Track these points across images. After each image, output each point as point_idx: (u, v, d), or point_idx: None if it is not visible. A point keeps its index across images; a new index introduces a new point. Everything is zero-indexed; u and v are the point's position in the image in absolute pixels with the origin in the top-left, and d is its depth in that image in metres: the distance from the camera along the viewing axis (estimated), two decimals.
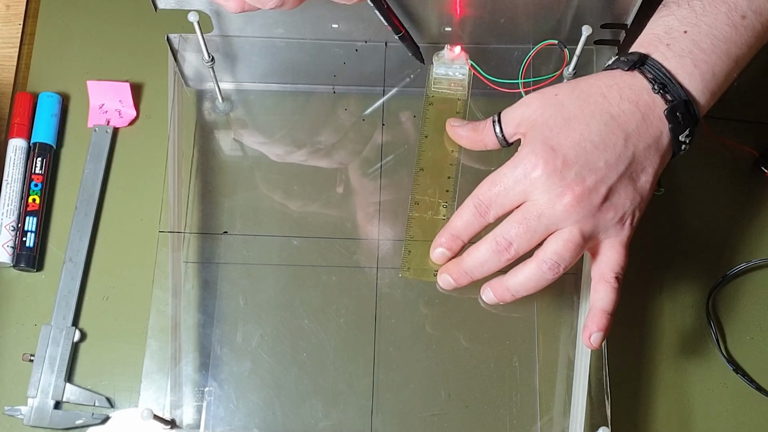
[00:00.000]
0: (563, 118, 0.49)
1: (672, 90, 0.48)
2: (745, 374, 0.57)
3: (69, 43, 0.65)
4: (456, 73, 0.57)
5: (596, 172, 0.47)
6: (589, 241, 0.49)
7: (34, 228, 0.58)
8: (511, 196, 0.49)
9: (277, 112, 0.61)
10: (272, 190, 0.58)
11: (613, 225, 0.49)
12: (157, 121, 0.62)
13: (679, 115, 0.48)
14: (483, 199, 0.50)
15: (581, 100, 0.49)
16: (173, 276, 0.55)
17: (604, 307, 0.49)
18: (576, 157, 0.47)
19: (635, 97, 0.49)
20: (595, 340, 0.49)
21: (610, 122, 0.48)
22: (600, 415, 0.52)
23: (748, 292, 0.59)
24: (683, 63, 0.49)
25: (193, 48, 0.59)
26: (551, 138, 0.48)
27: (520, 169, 0.48)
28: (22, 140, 0.61)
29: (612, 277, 0.49)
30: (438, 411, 0.53)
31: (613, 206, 0.48)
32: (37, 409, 0.54)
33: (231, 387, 0.53)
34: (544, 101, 0.50)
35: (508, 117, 0.52)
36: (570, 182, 0.47)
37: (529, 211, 0.48)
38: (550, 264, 0.48)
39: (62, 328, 0.56)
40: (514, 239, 0.49)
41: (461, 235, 0.51)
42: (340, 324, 0.55)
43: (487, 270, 0.50)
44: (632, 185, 0.48)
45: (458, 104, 0.57)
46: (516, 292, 0.50)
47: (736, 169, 0.62)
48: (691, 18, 0.50)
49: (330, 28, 0.58)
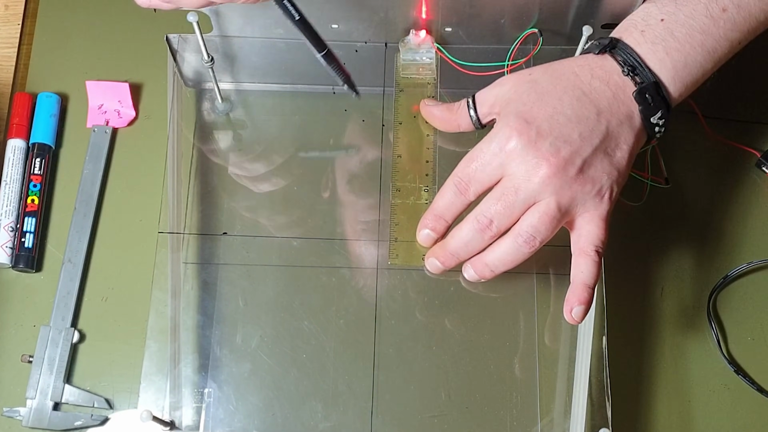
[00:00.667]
0: (536, 93, 0.49)
1: (641, 73, 0.49)
2: (746, 375, 0.56)
3: (68, 43, 0.65)
4: (423, 57, 0.58)
5: (571, 144, 0.48)
6: (567, 214, 0.49)
7: (33, 229, 0.58)
8: (489, 170, 0.49)
9: (276, 112, 0.61)
10: (272, 191, 0.58)
11: (591, 198, 0.49)
12: (156, 121, 0.62)
13: (649, 97, 0.49)
14: (462, 177, 0.50)
15: (554, 78, 0.50)
16: (172, 277, 0.55)
17: (585, 281, 0.49)
18: (550, 129, 0.48)
19: (606, 77, 0.49)
20: (576, 313, 0.49)
21: (582, 97, 0.49)
22: (601, 416, 0.52)
23: (750, 292, 0.59)
24: (655, 49, 0.49)
25: (192, 48, 0.59)
26: (525, 112, 0.49)
27: (495, 142, 0.49)
28: (21, 140, 0.60)
29: (592, 251, 0.49)
30: (438, 412, 0.53)
31: (590, 178, 0.48)
32: (36, 410, 0.54)
33: (230, 388, 0.53)
34: (518, 80, 0.51)
35: (482, 98, 0.52)
36: (545, 153, 0.48)
37: (507, 187, 0.49)
38: (525, 237, 0.49)
39: (61, 329, 0.56)
40: (494, 216, 0.49)
41: (445, 216, 0.52)
42: (339, 325, 0.55)
43: (471, 250, 0.51)
44: (608, 159, 0.49)
45: (428, 88, 0.57)
46: (495, 268, 0.50)
47: (737, 169, 0.62)
48: (670, 7, 0.50)
49: (330, 28, 0.58)
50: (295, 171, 0.59)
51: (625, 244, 0.59)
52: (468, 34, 0.59)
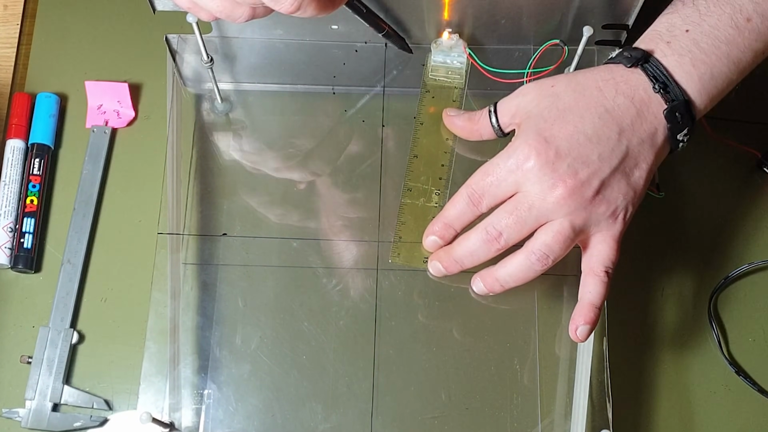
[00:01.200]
0: (558, 110, 0.49)
1: (672, 90, 0.48)
2: (747, 376, 0.56)
3: (67, 43, 0.64)
4: (453, 61, 0.57)
5: (589, 165, 0.48)
6: (580, 234, 0.49)
7: (32, 229, 0.58)
8: (504, 186, 0.49)
9: (276, 113, 0.61)
10: (272, 192, 0.58)
11: (605, 219, 0.49)
12: (155, 122, 0.62)
13: (678, 116, 0.48)
14: (476, 189, 0.50)
15: (577, 93, 0.49)
16: (172, 278, 0.55)
17: (592, 301, 0.49)
18: (569, 149, 0.48)
19: (631, 93, 0.49)
20: (581, 332, 0.49)
21: (604, 115, 0.48)
22: (601, 417, 0.52)
23: (750, 293, 0.58)
24: (682, 62, 0.49)
25: (191, 49, 0.59)
26: (545, 129, 0.48)
27: (513, 159, 0.48)
28: (20, 141, 0.60)
29: (602, 271, 0.49)
30: (438, 413, 0.53)
31: (605, 200, 0.48)
32: (35, 411, 0.54)
33: (230, 390, 0.53)
34: (541, 92, 0.50)
35: (504, 107, 0.52)
36: (562, 174, 0.47)
37: (520, 202, 0.48)
38: (539, 255, 0.48)
39: (60, 330, 0.55)
40: (504, 230, 0.49)
41: (454, 224, 0.52)
42: (339, 326, 0.55)
43: (476, 259, 0.51)
44: (625, 180, 0.48)
45: (455, 92, 0.57)
46: (505, 283, 0.50)
47: (738, 169, 0.62)
48: (694, 17, 0.49)
49: (329, 29, 0.58)
50: (295, 171, 0.59)
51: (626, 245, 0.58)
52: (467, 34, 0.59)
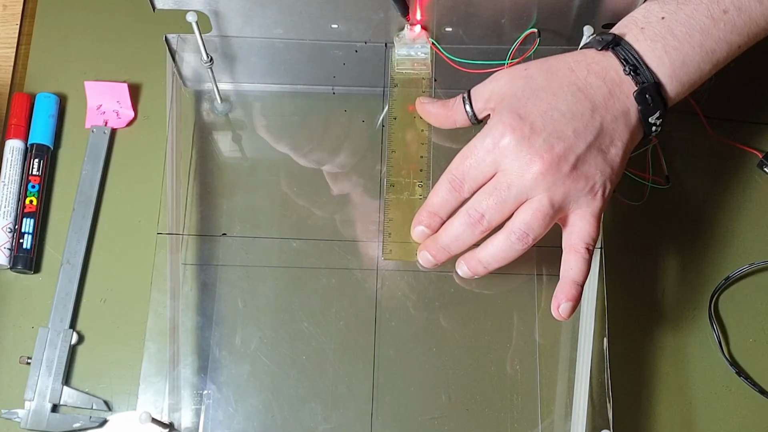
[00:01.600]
0: (531, 89, 0.49)
1: (642, 73, 0.49)
2: (748, 377, 0.56)
3: (66, 43, 0.64)
4: (418, 52, 0.57)
5: (564, 140, 0.48)
6: (559, 211, 0.49)
7: (32, 230, 0.58)
8: (483, 167, 0.49)
9: (276, 113, 0.60)
10: (271, 192, 0.58)
11: (584, 195, 0.49)
12: (155, 122, 0.62)
13: (649, 98, 0.49)
14: (456, 174, 0.50)
15: (550, 73, 0.50)
16: (171, 278, 0.55)
17: (573, 278, 0.49)
18: (544, 125, 0.48)
19: (602, 72, 0.49)
20: (563, 309, 0.49)
21: (577, 93, 0.49)
22: (602, 418, 0.52)
23: (751, 294, 0.58)
24: (654, 47, 0.49)
25: (191, 48, 0.58)
26: (519, 107, 0.49)
27: (489, 138, 0.49)
28: (19, 141, 0.60)
29: (582, 248, 0.49)
30: (438, 414, 0.53)
31: (583, 175, 0.48)
32: (34, 412, 0.54)
33: (230, 390, 0.53)
34: (514, 76, 0.50)
35: (477, 93, 0.52)
36: (538, 149, 0.48)
37: (499, 182, 0.48)
38: (518, 234, 0.48)
39: (59, 330, 0.55)
40: (485, 211, 0.49)
41: (439, 212, 0.51)
42: (339, 327, 0.55)
43: (462, 244, 0.50)
44: (602, 156, 0.49)
45: (423, 83, 0.57)
46: (488, 264, 0.50)
47: (739, 170, 0.62)
48: (671, 6, 0.50)
49: (329, 28, 0.58)
50: (295, 171, 0.59)
51: (626, 245, 0.59)
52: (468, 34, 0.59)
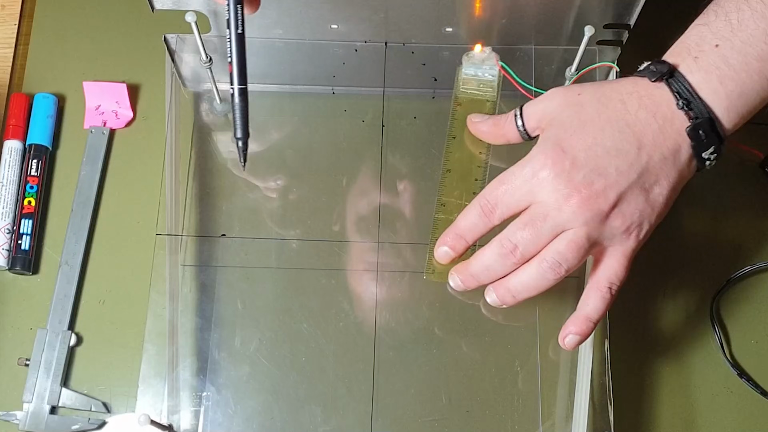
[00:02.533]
0: (579, 120, 0.48)
1: (695, 107, 0.47)
2: (750, 379, 0.56)
3: (65, 43, 0.64)
4: (485, 74, 0.56)
5: (606, 177, 0.47)
6: (594, 246, 0.48)
7: (30, 231, 0.58)
8: (518, 195, 0.48)
9: (275, 113, 0.60)
10: (271, 192, 0.58)
11: (619, 234, 0.48)
12: (154, 122, 0.62)
13: (702, 134, 0.47)
14: (489, 199, 0.49)
15: (601, 104, 0.48)
16: (170, 279, 0.55)
17: (588, 315, 0.48)
18: (586, 160, 0.47)
19: (654, 108, 0.47)
20: (569, 342, 0.49)
21: (625, 129, 0.47)
22: (603, 420, 0.52)
23: (753, 295, 0.58)
24: (708, 78, 0.47)
25: (190, 48, 0.58)
26: (564, 139, 0.47)
27: (528, 168, 0.48)
28: (18, 142, 0.60)
29: (605, 287, 0.48)
30: (438, 416, 0.53)
31: (621, 214, 0.47)
32: (32, 414, 0.53)
33: (229, 392, 0.53)
34: (566, 99, 0.49)
35: (530, 110, 0.51)
36: (577, 184, 0.46)
37: (536, 213, 0.47)
38: (551, 263, 0.47)
39: (58, 332, 0.55)
40: (519, 242, 0.48)
41: (466, 236, 0.50)
42: (339, 328, 0.54)
43: (493, 274, 0.49)
44: (644, 196, 0.47)
45: (487, 105, 0.56)
46: (517, 293, 0.49)
47: (740, 170, 0.61)
48: (725, 32, 0.47)
49: (329, 28, 0.58)
50: (294, 172, 0.59)
51: None
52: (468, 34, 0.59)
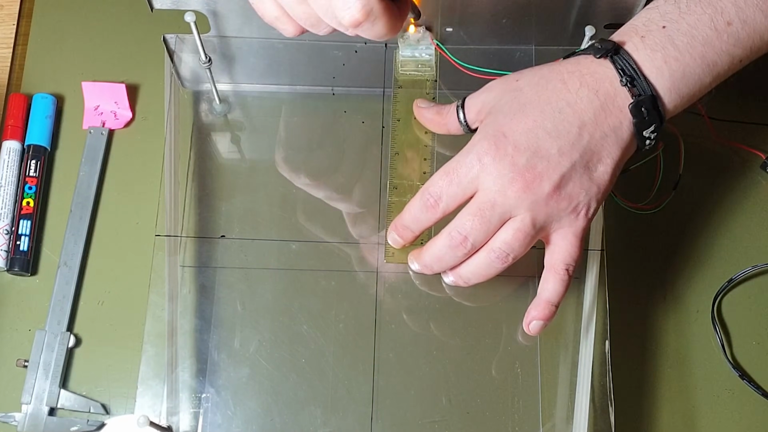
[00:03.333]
0: (519, 104, 0.48)
1: (639, 84, 0.47)
2: (751, 380, 0.56)
3: (64, 43, 0.64)
4: (422, 53, 0.57)
5: (548, 159, 0.47)
6: (541, 230, 0.48)
7: (28, 231, 0.58)
8: (464, 184, 0.48)
9: (275, 114, 0.60)
10: (270, 194, 0.58)
11: (566, 215, 0.48)
12: (153, 123, 0.62)
13: (645, 111, 0.47)
14: (432, 192, 0.49)
15: (540, 86, 0.48)
16: (170, 280, 0.54)
17: (549, 298, 0.49)
18: (527, 143, 0.47)
19: (596, 85, 0.48)
20: (533, 327, 0.50)
21: (565, 109, 0.47)
22: (603, 421, 0.52)
23: (755, 296, 0.58)
24: (653, 57, 0.48)
25: (189, 49, 0.58)
26: (504, 124, 0.48)
27: (472, 155, 0.48)
28: (16, 142, 0.60)
29: (562, 269, 0.49)
30: (439, 418, 0.53)
31: (566, 195, 0.47)
32: (31, 415, 0.53)
33: (228, 393, 0.53)
34: (505, 87, 0.50)
35: (470, 103, 0.51)
36: (521, 168, 0.47)
37: (483, 201, 0.48)
38: (498, 253, 0.48)
39: (57, 333, 0.55)
40: (469, 233, 0.48)
41: (411, 227, 0.51)
42: (339, 329, 0.54)
43: (445, 265, 0.50)
44: (587, 175, 0.47)
45: (427, 85, 0.57)
46: (468, 280, 0.50)
47: (741, 171, 0.61)
48: (673, 14, 0.48)
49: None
50: (294, 173, 0.58)
51: (629, 247, 0.58)
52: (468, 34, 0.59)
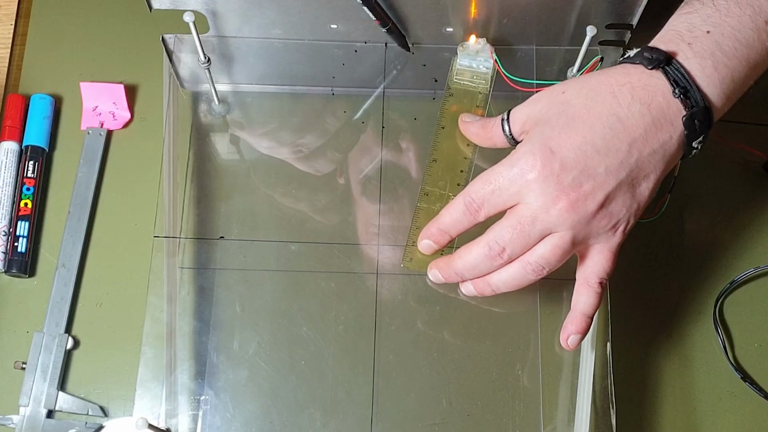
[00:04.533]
0: (567, 117, 0.47)
1: (693, 96, 0.46)
2: (753, 382, 0.56)
3: (62, 43, 0.64)
4: (480, 65, 0.56)
5: (595, 178, 0.46)
6: (579, 246, 0.48)
7: (26, 233, 0.57)
8: (505, 196, 0.48)
9: (274, 114, 0.60)
10: (270, 195, 0.58)
11: (605, 232, 0.48)
12: (151, 123, 0.61)
13: (697, 123, 0.46)
14: (475, 198, 0.49)
15: (589, 99, 0.47)
16: (168, 282, 0.54)
17: (584, 311, 0.49)
18: (575, 161, 0.46)
19: (648, 99, 0.46)
20: (572, 341, 0.50)
21: (616, 125, 0.46)
22: (605, 423, 0.51)
23: (757, 298, 0.58)
24: (704, 65, 0.47)
25: (188, 49, 0.58)
26: (551, 138, 0.47)
27: (516, 169, 0.47)
28: (14, 143, 0.60)
29: (596, 283, 0.49)
30: (439, 420, 0.53)
31: (608, 214, 0.47)
32: (29, 418, 0.53)
33: (227, 396, 0.52)
34: (551, 99, 0.48)
35: (515, 115, 0.51)
36: (566, 187, 0.46)
37: (524, 215, 0.47)
38: (534, 267, 0.48)
39: (55, 335, 0.55)
40: (507, 244, 0.48)
41: (449, 231, 0.51)
42: (339, 331, 0.54)
43: (478, 273, 0.50)
44: (630, 192, 0.47)
45: (479, 98, 0.56)
46: (497, 288, 0.50)
47: (744, 171, 0.61)
48: (714, 18, 0.47)
49: (329, 28, 0.58)
50: (293, 174, 0.58)
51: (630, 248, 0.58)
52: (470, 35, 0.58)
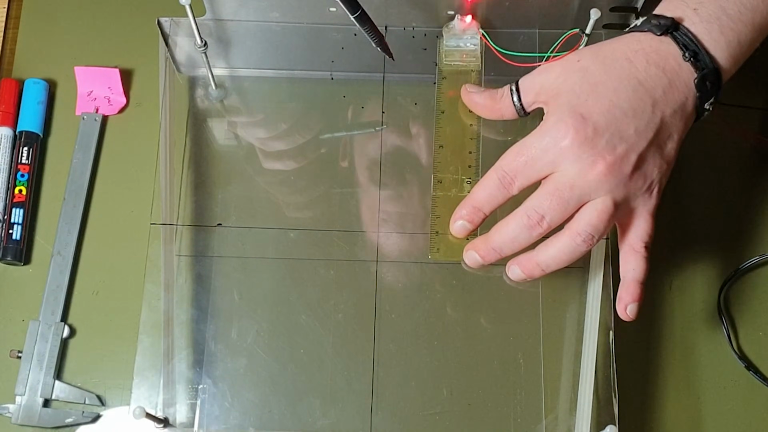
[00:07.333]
0: (589, 84, 0.48)
1: (702, 59, 0.48)
2: (758, 371, 0.56)
3: (56, 27, 0.63)
4: (467, 44, 0.56)
5: (627, 140, 0.47)
6: (620, 210, 0.48)
7: (21, 220, 0.57)
8: (539, 166, 0.48)
9: (272, 99, 0.59)
10: (268, 181, 0.57)
11: (641, 194, 0.48)
12: (147, 108, 0.61)
13: (708, 84, 0.48)
14: (508, 170, 0.49)
15: (606, 66, 0.48)
16: (165, 270, 0.54)
17: (636, 278, 0.49)
18: (606, 125, 0.47)
19: (662, 63, 0.48)
20: (631, 311, 0.50)
21: (638, 88, 0.47)
22: (607, 413, 0.51)
23: (761, 286, 0.58)
24: (710, 29, 0.48)
25: (185, 32, 0.58)
26: (579, 105, 0.47)
27: (549, 138, 0.47)
28: (8, 129, 0.59)
29: (641, 247, 0.49)
30: (440, 409, 0.53)
31: (642, 174, 0.48)
32: (25, 407, 0.53)
33: (226, 384, 0.52)
34: (566, 68, 0.49)
35: (526, 85, 0.51)
36: (601, 150, 0.47)
37: (561, 182, 0.47)
38: (584, 236, 0.48)
39: (51, 323, 0.55)
40: (546, 212, 0.48)
41: (483, 208, 0.50)
42: (338, 319, 0.54)
43: (517, 246, 0.50)
44: (659, 152, 0.48)
45: (472, 76, 0.56)
46: (547, 267, 0.49)
47: (749, 158, 0.61)
48: None
49: (327, 11, 0.57)
50: (292, 159, 0.58)
51: None
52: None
